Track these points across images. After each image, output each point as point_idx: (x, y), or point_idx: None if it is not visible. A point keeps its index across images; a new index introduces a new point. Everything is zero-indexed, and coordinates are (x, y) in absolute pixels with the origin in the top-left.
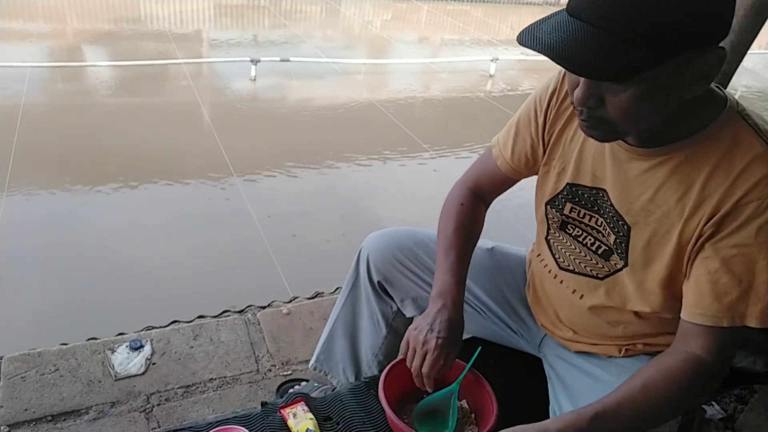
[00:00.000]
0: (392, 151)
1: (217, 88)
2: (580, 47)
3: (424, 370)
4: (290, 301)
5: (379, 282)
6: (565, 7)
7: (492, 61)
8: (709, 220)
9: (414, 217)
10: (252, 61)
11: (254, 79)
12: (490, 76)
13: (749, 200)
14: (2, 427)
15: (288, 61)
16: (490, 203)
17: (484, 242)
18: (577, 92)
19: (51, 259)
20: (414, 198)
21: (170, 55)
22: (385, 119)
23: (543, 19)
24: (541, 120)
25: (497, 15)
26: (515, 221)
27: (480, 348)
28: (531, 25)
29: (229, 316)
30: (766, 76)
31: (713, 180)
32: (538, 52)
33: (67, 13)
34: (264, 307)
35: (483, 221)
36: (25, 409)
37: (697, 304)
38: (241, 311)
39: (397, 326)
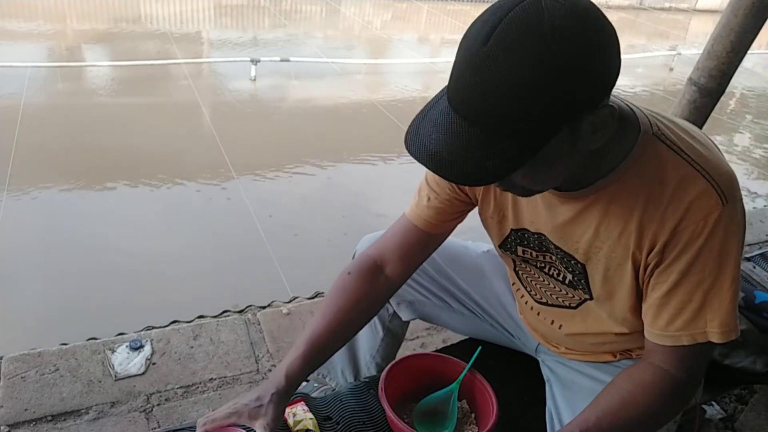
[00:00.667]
0: (392, 151)
1: (217, 88)
2: (457, 151)
3: (203, 420)
4: (290, 301)
5: None
6: (447, 89)
7: None
8: (650, 250)
9: None
10: (252, 61)
11: (254, 79)
12: None
13: (685, 226)
14: (2, 427)
15: (288, 61)
16: (400, 277)
17: (479, 245)
18: None
19: (51, 258)
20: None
21: (170, 55)
22: (385, 119)
23: (430, 105)
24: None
25: None
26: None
27: (480, 348)
28: (417, 118)
29: (229, 316)
30: (766, 76)
31: (647, 212)
32: (420, 163)
33: (67, 13)
34: (264, 307)
35: (380, 297)
36: (25, 409)
37: (653, 325)
38: (241, 311)
39: (393, 329)
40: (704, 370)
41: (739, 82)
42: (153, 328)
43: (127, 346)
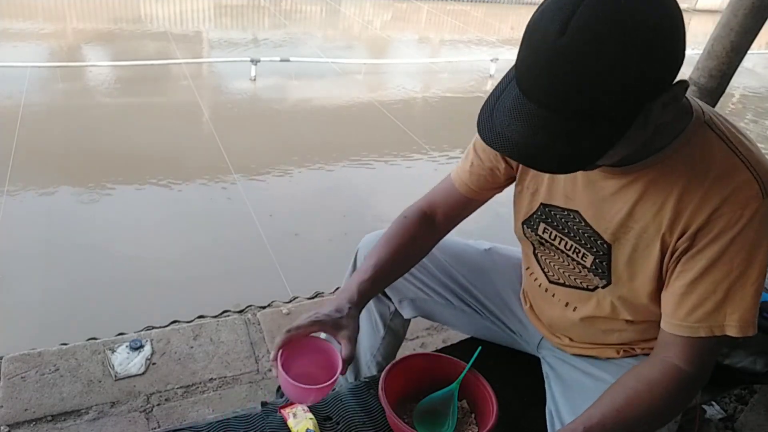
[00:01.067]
0: (392, 151)
1: (217, 88)
2: (541, 144)
3: (287, 328)
4: (290, 301)
5: None
6: (515, 74)
7: (492, 61)
8: (682, 234)
9: None
10: (252, 61)
11: (254, 79)
12: (490, 76)
13: (721, 213)
14: (2, 427)
15: (288, 61)
16: (443, 228)
17: (480, 243)
18: None
19: (51, 259)
20: (415, 198)
21: (170, 55)
22: (385, 119)
23: (497, 93)
24: None
25: (497, 15)
26: (512, 221)
27: (480, 348)
28: (486, 107)
29: (229, 316)
30: (766, 76)
31: (686, 195)
32: (503, 153)
33: (67, 13)
34: (264, 307)
35: (428, 244)
36: (25, 409)
37: (673, 315)
38: (241, 311)
39: (395, 327)
40: (713, 365)
41: (739, 82)
42: (153, 328)
43: (127, 346)
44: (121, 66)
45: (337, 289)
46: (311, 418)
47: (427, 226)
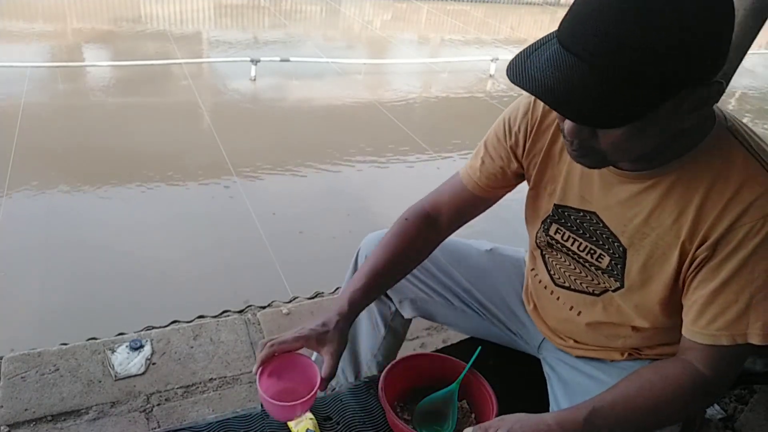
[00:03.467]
0: (392, 151)
1: (217, 88)
2: (575, 91)
3: (270, 341)
4: (290, 301)
5: None
6: (556, 33)
7: (492, 61)
8: (703, 243)
9: None
10: (252, 61)
11: (254, 79)
12: (490, 76)
13: (743, 223)
14: (2, 427)
15: (288, 61)
16: (447, 229)
17: (482, 243)
18: (568, 125)
19: (51, 259)
20: (415, 198)
21: (170, 55)
22: (385, 119)
23: (534, 47)
24: (511, 142)
25: (497, 15)
26: (515, 222)
27: (480, 348)
28: (520, 55)
29: (229, 316)
30: (766, 76)
31: (707, 203)
32: (532, 93)
33: (67, 13)
34: (264, 307)
35: (429, 245)
36: (25, 409)
37: (695, 323)
38: (241, 311)
39: (395, 327)
40: (737, 372)
41: (739, 82)
42: (153, 328)
43: (127, 346)
44: (121, 66)
45: (338, 289)
46: (311, 418)
47: (429, 228)
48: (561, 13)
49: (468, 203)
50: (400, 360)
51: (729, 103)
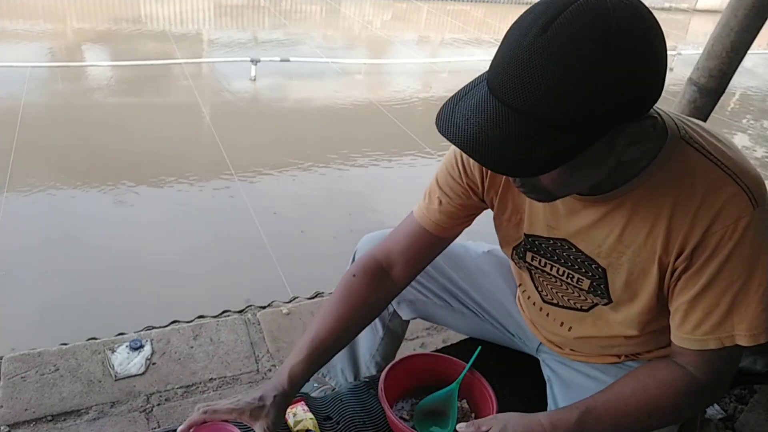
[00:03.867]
0: (392, 151)
1: (217, 88)
2: (498, 140)
3: (204, 407)
4: (290, 301)
5: None
6: (486, 75)
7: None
8: (679, 255)
9: None
10: (252, 61)
11: (254, 79)
12: None
13: (715, 230)
14: (2, 427)
15: (288, 61)
16: (403, 280)
17: (480, 245)
18: None
19: (51, 259)
20: (415, 197)
21: (170, 55)
22: (385, 119)
23: (464, 91)
24: (468, 180)
25: (497, 15)
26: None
27: (480, 348)
28: (450, 101)
29: (229, 316)
30: (766, 76)
31: (676, 216)
32: (455, 144)
33: (67, 13)
34: (264, 307)
35: (382, 301)
36: (25, 409)
37: (680, 328)
38: (241, 311)
39: (393, 328)
40: (731, 374)
41: (739, 82)
42: (153, 328)
43: (127, 346)
44: (121, 66)
45: None
46: (311, 418)
47: (382, 282)
48: None
49: (428, 245)
50: (399, 360)
51: (729, 103)
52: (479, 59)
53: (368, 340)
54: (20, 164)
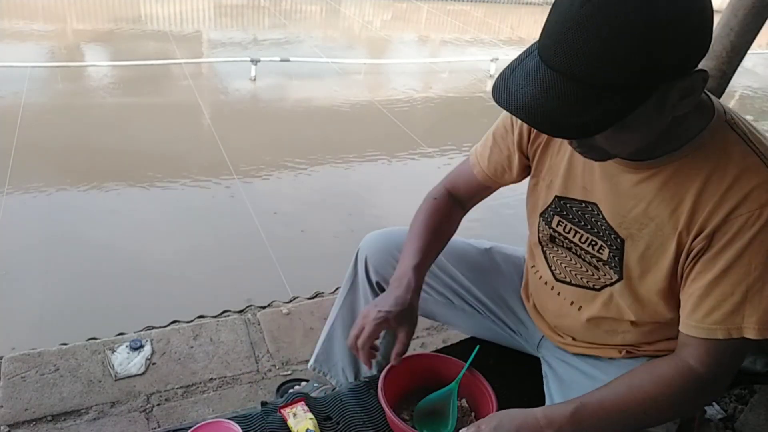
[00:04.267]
0: (392, 151)
1: (217, 88)
2: (553, 106)
3: (360, 341)
4: (290, 301)
5: (377, 282)
6: (537, 44)
7: (492, 61)
8: (699, 233)
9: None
10: (252, 61)
11: (254, 79)
12: (490, 76)
13: (739, 213)
14: (2, 427)
15: (288, 61)
16: (467, 208)
17: (481, 242)
18: None
19: (51, 258)
20: (415, 197)
21: (170, 55)
22: (385, 119)
23: (517, 61)
24: (515, 135)
25: (497, 15)
26: (514, 221)
27: (478, 347)
28: (504, 72)
29: (229, 316)
30: (766, 76)
31: (705, 194)
32: (511, 113)
33: (67, 13)
34: (264, 307)
35: (457, 221)
36: (25, 409)
37: (691, 316)
38: (241, 311)
39: None
40: (734, 370)
41: (739, 82)
42: (153, 328)
43: (127, 346)
44: (121, 66)
45: (338, 289)
46: (311, 418)
47: (455, 205)
48: None
49: (476, 189)
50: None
51: (729, 104)
52: (479, 59)
53: None
54: (20, 164)
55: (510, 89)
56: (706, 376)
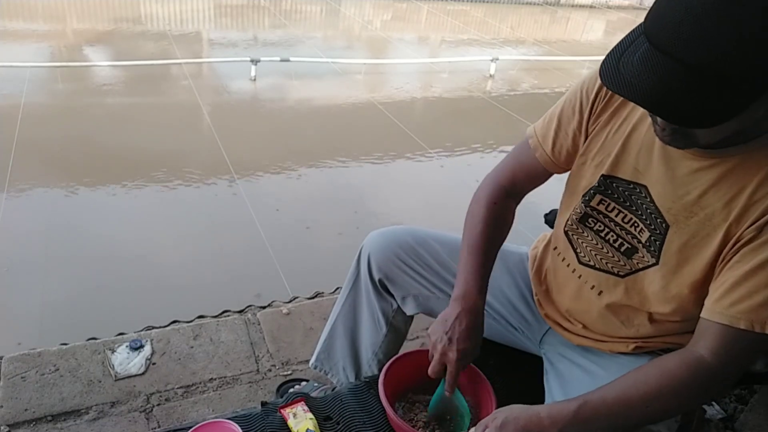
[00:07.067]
0: (392, 151)
1: (217, 88)
2: (671, 94)
3: (447, 385)
4: (290, 301)
5: (380, 280)
6: (644, 30)
7: (492, 61)
8: (752, 224)
9: (415, 215)
10: (252, 61)
11: (254, 79)
12: (490, 76)
13: None
14: (2, 427)
15: (288, 61)
16: (521, 199)
17: None
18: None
19: (51, 259)
20: (415, 197)
21: (170, 55)
22: (385, 119)
23: (622, 47)
24: (586, 113)
25: (497, 15)
26: (515, 220)
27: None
28: (610, 58)
29: (229, 316)
30: None
31: (762, 188)
32: (630, 100)
33: (67, 13)
34: (264, 307)
35: (512, 219)
36: (25, 409)
37: (718, 302)
38: (241, 311)
39: (397, 324)
40: (742, 369)
41: None
42: (153, 328)
43: (127, 346)
44: (121, 66)
45: (338, 289)
46: (311, 418)
47: (512, 203)
48: (561, 13)
49: (540, 178)
50: (399, 357)
51: None
52: (479, 59)
53: (371, 338)
54: (20, 164)
55: (626, 78)
56: (715, 368)
